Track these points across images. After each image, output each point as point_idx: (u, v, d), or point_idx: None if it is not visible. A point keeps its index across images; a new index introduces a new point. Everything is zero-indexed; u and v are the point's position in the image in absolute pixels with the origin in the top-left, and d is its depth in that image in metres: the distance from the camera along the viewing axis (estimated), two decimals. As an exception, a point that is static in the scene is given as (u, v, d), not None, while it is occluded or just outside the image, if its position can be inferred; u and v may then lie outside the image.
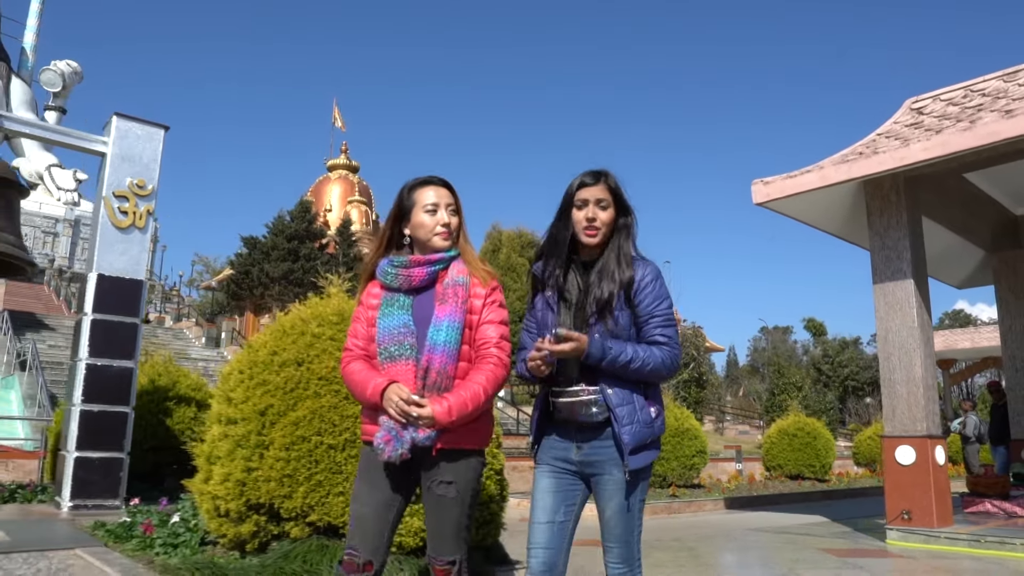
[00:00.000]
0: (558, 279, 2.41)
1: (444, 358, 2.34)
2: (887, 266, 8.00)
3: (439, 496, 2.35)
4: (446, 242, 2.47)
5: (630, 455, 2.26)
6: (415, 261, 2.45)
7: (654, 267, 2.42)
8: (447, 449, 2.32)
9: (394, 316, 2.41)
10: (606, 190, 2.39)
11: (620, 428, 2.26)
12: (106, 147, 6.12)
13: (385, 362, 2.39)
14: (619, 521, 2.31)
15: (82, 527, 4.84)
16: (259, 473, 3.67)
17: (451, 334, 2.35)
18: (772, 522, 9.76)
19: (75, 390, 5.71)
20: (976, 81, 8.31)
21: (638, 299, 2.34)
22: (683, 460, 12.36)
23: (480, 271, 2.48)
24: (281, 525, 3.74)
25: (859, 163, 7.63)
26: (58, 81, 37.21)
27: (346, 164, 31.99)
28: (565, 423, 2.37)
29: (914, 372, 7.77)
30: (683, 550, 7.17)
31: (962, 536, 7.31)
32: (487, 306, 2.45)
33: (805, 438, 14.96)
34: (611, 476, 2.31)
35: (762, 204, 8.41)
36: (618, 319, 2.33)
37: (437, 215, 2.45)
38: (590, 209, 2.37)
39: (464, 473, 2.37)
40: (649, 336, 2.34)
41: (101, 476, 5.68)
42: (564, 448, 2.38)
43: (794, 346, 58.19)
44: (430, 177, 2.52)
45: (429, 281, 2.45)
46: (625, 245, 2.40)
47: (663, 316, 2.36)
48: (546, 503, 2.36)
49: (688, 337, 23.47)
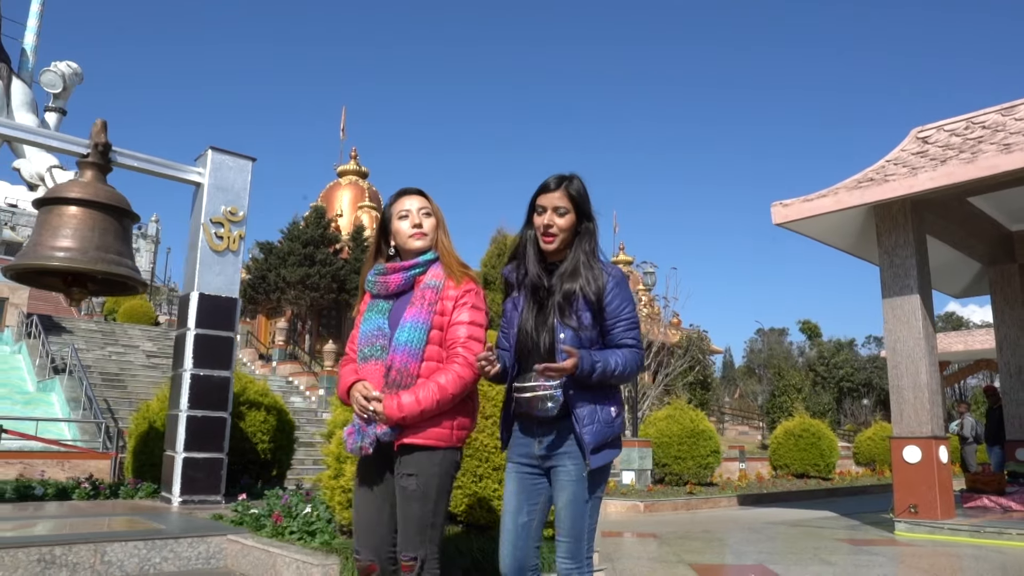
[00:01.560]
0: (527, 280, 2.46)
1: (405, 357, 2.42)
2: (895, 282, 8.77)
3: (403, 488, 2.41)
4: (420, 242, 2.57)
5: (592, 454, 2.32)
6: (391, 268, 2.57)
7: (617, 271, 2.47)
8: (408, 445, 2.40)
9: (372, 320, 2.54)
10: (566, 197, 2.42)
11: (581, 428, 2.32)
12: (202, 178, 6.79)
13: (361, 362, 2.52)
14: (569, 514, 2.34)
15: (210, 517, 5.54)
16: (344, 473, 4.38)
17: (413, 334, 2.44)
18: (786, 517, 10.53)
19: (181, 398, 6.40)
20: (977, 114, 9.09)
21: (605, 303, 2.38)
22: (698, 460, 13.12)
23: (455, 272, 2.56)
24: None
25: (871, 189, 8.39)
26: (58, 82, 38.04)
27: (356, 170, 32.61)
28: (527, 418, 2.43)
29: (920, 379, 8.54)
30: (714, 540, 7.92)
31: (963, 528, 8.08)
32: (458, 307, 2.51)
33: (810, 439, 15.74)
34: (565, 468, 2.36)
35: (780, 224, 9.17)
36: (582, 319, 2.37)
37: (409, 219, 2.57)
38: (548, 215, 2.41)
39: (427, 467, 2.40)
40: (618, 340, 2.40)
41: (205, 474, 6.37)
42: (527, 443, 2.44)
43: (790, 348, 59.06)
44: (405, 188, 2.67)
45: (407, 286, 2.56)
46: (587, 250, 2.44)
47: (629, 319, 2.42)
48: (510, 505, 2.44)
49: (693, 341, 24.28)
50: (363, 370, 2.49)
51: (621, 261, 42.18)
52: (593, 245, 2.46)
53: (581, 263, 2.40)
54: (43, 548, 4.01)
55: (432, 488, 2.39)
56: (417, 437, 2.39)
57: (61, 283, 6.17)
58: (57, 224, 5.91)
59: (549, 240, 2.41)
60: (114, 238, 6.05)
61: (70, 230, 5.90)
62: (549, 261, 2.47)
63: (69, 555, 4.07)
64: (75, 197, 6.02)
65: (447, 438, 2.44)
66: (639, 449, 12.74)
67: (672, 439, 13.25)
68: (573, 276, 2.38)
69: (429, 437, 2.41)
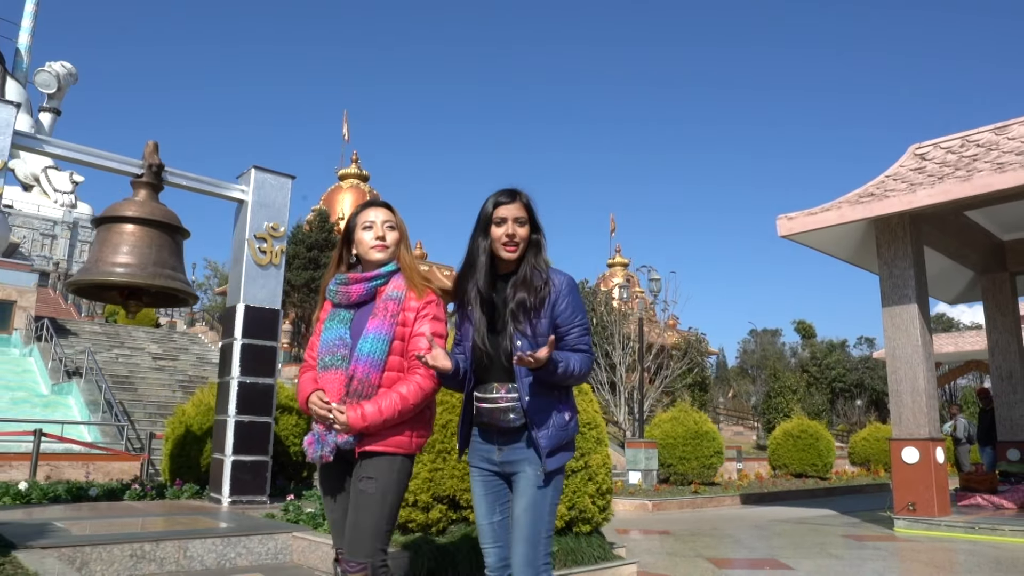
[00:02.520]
0: (480, 292, 2.50)
1: (367, 367, 2.45)
2: (894, 292, 9.24)
3: (360, 491, 2.43)
4: (380, 254, 2.61)
5: (547, 457, 2.39)
6: (353, 279, 2.61)
7: (568, 278, 2.54)
8: (369, 451, 2.45)
9: (333, 330, 2.57)
10: (522, 208, 2.51)
11: (537, 433, 2.39)
12: (245, 195, 7.18)
13: (321, 371, 2.54)
14: (527, 519, 2.38)
15: (263, 516, 5.94)
16: (443, 472, 4.78)
17: (376, 345, 2.47)
18: (789, 515, 10.99)
19: (229, 404, 6.78)
20: (971, 132, 9.58)
21: (558, 310, 2.46)
22: (702, 460, 13.58)
23: (417, 284, 2.60)
24: (459, 512, 4.85)
25: (872, 204, 8.86)
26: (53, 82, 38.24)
27: (357, 173, 32.95)
28: (487, 426, 2.48)
29: (918, 384, 9.02)
30: (724, 537, 8.37)
31: (959, 524, 8.56)
32: (419, 318, 2.55)
33: (808, 439, 16.23)
34: (524, 474, 2.42)
35: (786, 236, 9.63)
36: (536, 326, 2.43)
37: (372, 230, 2.62)
38: (509, 226, 2.47)
39: (387, 472, 2.44)
40: (572, 345, 2.46)
41: (252, 476, 6.76)
42: (487, 450, 2.50)
43: (783, 348, 59.71)
44: (372, 200, 2.75)
45: (368, 296, 2.59)
46: (539, 258, 2.52)
47: (582, 326, 2.49)
48: (482, 507, 2.50)
49: (692, 343, 24.77)
50: (323, 379, 2.52)
51: (617, 263, 42.69)
52: (544, 254, 2.55)
53: (534, 272, 2.48)
54: (134, 544, 4.40)
55: (390, 492, 2.44)
56: (378, 444, 2.44)
57: (119, 296, 6.55)
58: (117, 241, 6.30)
59: (512, 249, 2.48)
60: (169, 254, 6.44)
61: (128, 247, 6.28)
62: (500, 272, 2.54)
63: (157, 551, 4.46)
64: (132, 216, 6.41)
65: (407, 446, 2.50)
66: (645, 450, 13.17)
67: (677, 440, 13.70)
68: (527, 285, 2.45)
69: (390, 444, 2.45)
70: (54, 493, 7.04)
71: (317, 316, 2.73)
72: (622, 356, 21.33)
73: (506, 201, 2.50)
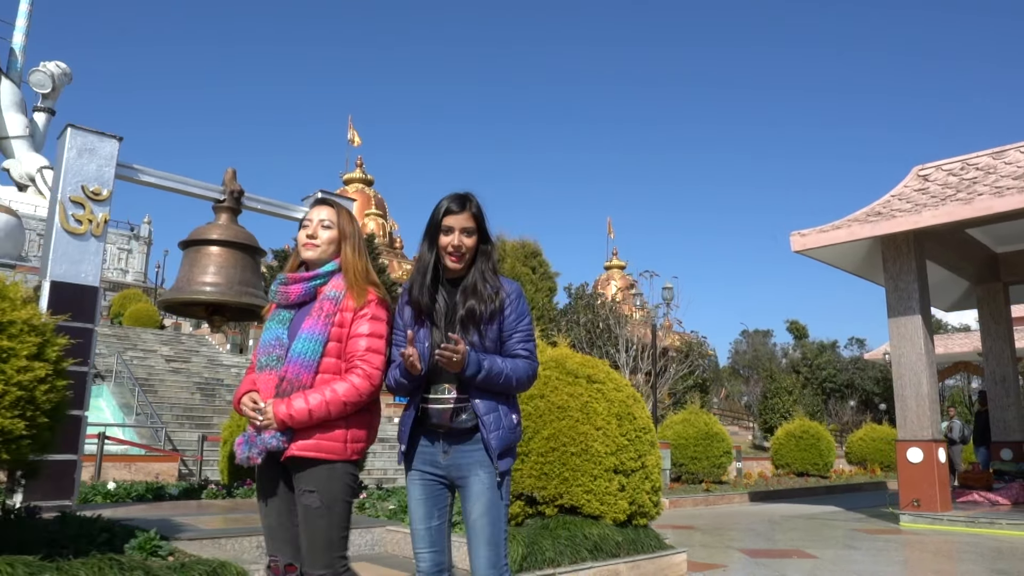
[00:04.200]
0: (427, 299, 2.49)
1: (298, 368, 2.39)
2: (899, 304, 9.97)
3: (305, 506, 2.37)
4: (309, 253, 2.56)
5: (499, 459, 2.40)
6: (292, 279, 2.55)
7: (516, 287, 2.55)
8: (299, 457, 2.36)
9: (271, 330, 2.52)
10: (471, 218, 2.49)
11: (488, 434, 2.38)
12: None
13: (257, 372, 2.50)
14: (487, 523, 2.39)
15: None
16: (522, 471, 5.42)
17: (308, 345, 2.41)
18: (797, 511, 11.72)
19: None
20: (971, 156, 10.34)
21: (503, 316, 2.47)
22: (712, 460, 14.31)
23: (356, 286, 2.52)
24: (536, 507, 5.49)
25: (880, 224, 9.59)
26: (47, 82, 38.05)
27: (362, 178, 33.50)
28: (434, 429, 2.45)
29: (922, 389, 9.76)
30: (745, 530, 9.07)
31: (960, 519, 9.31)
32: (357, 319, 2.48)
33: (810, 440, 17.01)
34: (478, 477, 2.41)
35: (799, 252, 10.35)
36: (486, 333, 2.44)
37: (307, 229, 2.58)
38: (455, 236, 2.46)
39: (327, 483, 2.36)
40: (512, 350, 2.47)
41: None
42: (431, 454, 2.47)
43: (774, 349, 60.64)
44: (321, 198, 2.72)
45: (308, 296, 2.53)
46: (488, 268, 2.51)
47: (525, 332, 2.50)
48: (420, 511, 2.48)
49: (693, 346, 25.54)
50: (259, 379, 2.46)
51: (615, 266, 43.45)
52: (493, 263, 2.54)
53: (482, 280, 2.48)
54: (258, 538, 5.03)
55: (336, 502, 2.38)
56: (308, 449, 2.35)
57: (203, 311, 7.16)
58: (205, 262, 6.91)
59: (456, 260, 2.47)
60: (251, 273, 7.06)
61: (215, 267, 6.89)
62: (448, 277, 2.54)
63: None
64: (217, 239, 7.01)
65: (340, 451, 2.40)
66: (659, 450, 13.87)
67: (688, 441, 14.42)
68: (475, 293, 2.46)
69: (320, 450, 2.36)
70: (137, 492, 7.65)
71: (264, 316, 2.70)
72: (626, 359, 22.04)
73: (455, 210, 2.48)
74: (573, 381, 5.77)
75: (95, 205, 6.44)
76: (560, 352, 6.08)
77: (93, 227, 6.39)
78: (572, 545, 5.12)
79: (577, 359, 6.05)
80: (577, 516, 5.45)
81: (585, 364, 6.00)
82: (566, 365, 5.87)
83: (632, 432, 5.85)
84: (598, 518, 5.49)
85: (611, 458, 5.59)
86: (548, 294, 34.73)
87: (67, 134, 6.43)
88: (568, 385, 5.73)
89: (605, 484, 5.51)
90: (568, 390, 5.70)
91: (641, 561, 5.47)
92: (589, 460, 5.47)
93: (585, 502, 5.44)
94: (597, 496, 5.47)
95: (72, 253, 6.28)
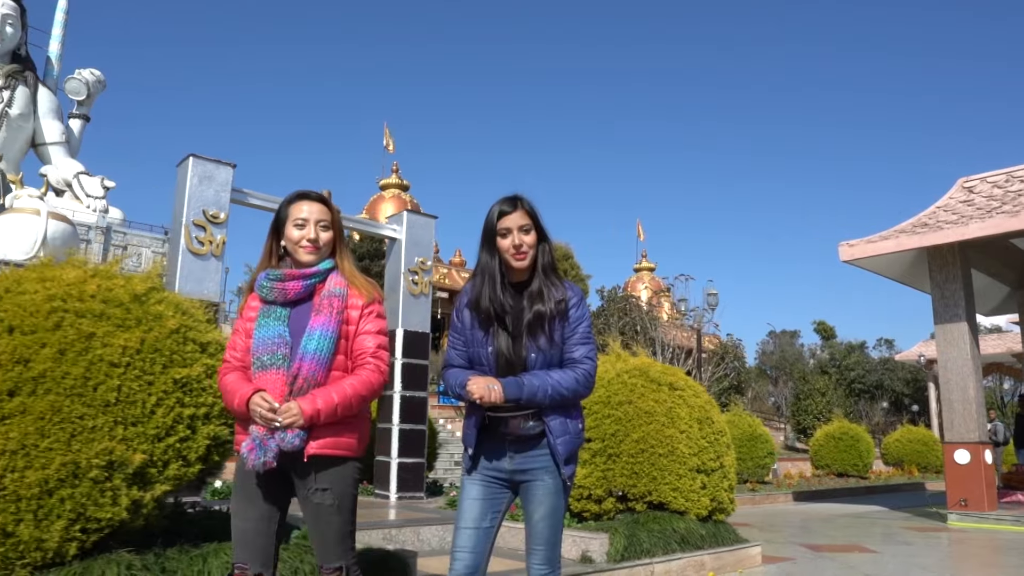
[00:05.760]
0: (499, 307, 2.49)
1: (313, 365, 2.37)
2: (946, 311, 10.40)
3: (317, 504, 2.36)
4: (310, 256, 2.51)
5: (565, 464, 2.44)
6: (290, 275, 2.49)
7: (578, 290, 2.57)
8: (318, 456, 2.34)
9: (269, 327, 2.45)
10: (525, 215, 2.50)
11: (555, 440, 2.42)
12: (398, 234, 8.40)
13: (257, 371, 2.42)
14: (548, 525, 2.44)
15: (440, 507, 7.16)
16: (615, 471, 5.96)
17: (322, 343, 2.39)
18: (844, 510, 12.15)
19: (393, 414, 8.02)
20: (1015, 169, 10.74)
21: (566, 319, 2.50)
22: (756, 460, 14.76)
23: (360, 284, 2.53)
24: (627, 504, 6.04)
25: (928, 235, 10.03)
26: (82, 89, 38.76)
27: (398, 183, 34.15)
28: (501, 436, 2.48)
29: (968, 393, 10.18)
30: (799, 527, 9.55)
31: (1006, 518, 9.72)
32: (364, 317, 2.49)
33: (849, 441, 17.39)
34: (543, 482, 2.45)
35: (847, 261, 10.81)
36: (552, 337, 2.47)
37: (304, 229, 2.50)
38: (515, 236, 2.47)
39: (340, 480, 2.38)
40: (568, 352, 2.49)
41: (412, 476, 7.98)
42: (497, 459, 2.50)
43: (801, 349, 60.65)
44: (306, 192, 2.58)
45: (306, 294, 2.49)
46: (549, 269, 2.53)
47: (582, 334, 2.51)
48: (474, 510, 2.48)
49: (728, 348, 26.00)
50: (261, 379, 2.40)
51: (644, 268, 43.85)
52: (553, 263, 2.57)
53: (547, 286, 2.51)
54: (384, 530, 5.63)
55: (347, 499, 2.41)
56: (328, 447, 2.36)
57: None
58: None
59: (521, 257, 2.48)
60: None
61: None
62: (512, 281, 2.55)
63: (399, 535, 5.66)
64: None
65: (356, 448, 2.45)
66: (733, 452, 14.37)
67: (733, 442, 14.79)
68: (541, 297, 2.49)
69: (339, 447, 2.38)
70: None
71: (239, 312, 2.62)
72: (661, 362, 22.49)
73: (508, 211, 2.50)
74: (657, 388, 6.31)
75: (214, 227, 7.08)
76: (642, 361, 6.62)
77: (213, 248, 7.03)
78: (663, 538, 5.68)
79: (658, 368, 6.60)
80: (664, 512, 6.00)
81: (666, 372, 6.55)
82: (649, 373, 6.41)
83: (711, 435, 6.39)
84: (683, 513, 6.03)
85: (694, 459, 6.12)
86: (580, 297, 35.26)
87: (189, 163, 7.08)
88: (653, 392, 6.27)
89: (689, 482, 6.04)
90: (653, 396, 6.24)
91: (723, 553, 6.01)
92: (675, 460, 6.01)
93: (672, 499, 5.98)
94: (683, 493, 6.00)
95: (196, 272, 6.93)
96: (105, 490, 3.31)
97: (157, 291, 4.11)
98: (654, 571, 5.43)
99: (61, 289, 3.73)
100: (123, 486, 3.37)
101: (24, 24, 60.36)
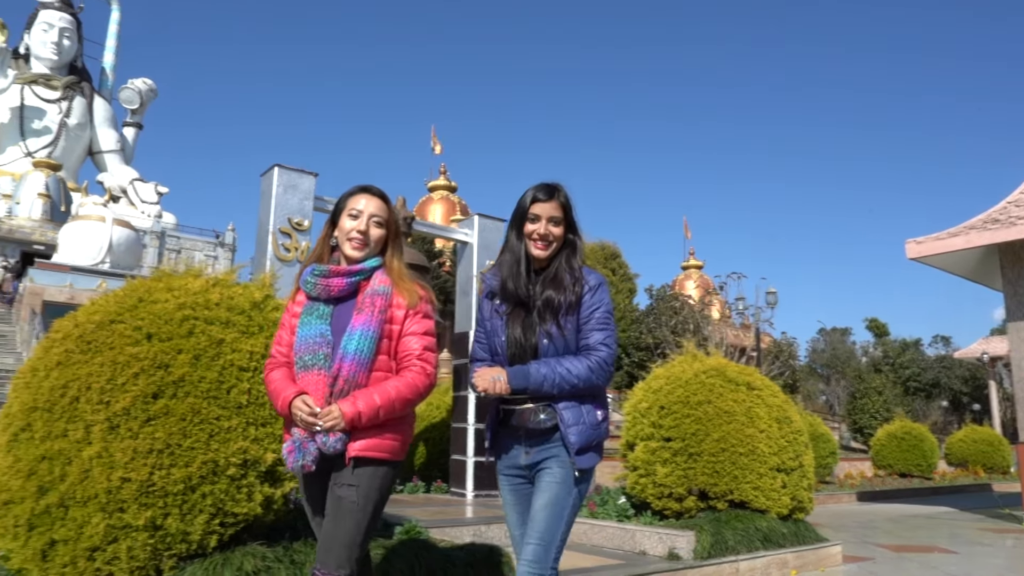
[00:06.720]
0: (524, 291, 2.45)
1: (354, 366, 2.29)
2: (1019, 309, 10.21)
3: (339, 497, 2.27)
4: (356, 251, 2.43)
5: (577, 455, 2.33)
6: (335, 271, 2.41)
7: (599, 277, 2.51)
8: (359, 457, 2.28)
9: (312, 326, 2.38)
10: (559, 207, 2.46)
11: (567, 429, 2.32)
12: (469, 238, 8.60)
13: (300, 371, 2.35)
14: (545, 516, 2.30)
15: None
16: (695, 470, 6.05)
17: (363, 343, 2.31)
18: (912, 511, 11.99)
19: (468, 414, 8.22)
20: (1090, 163, 10.47)
21: (580, 305, 2.42)
22: (819, 460, 14.60)
23: (405, 286, 2.44)
24: (707, 502, 6.13)
25: (999, 232, 9.87)
26: (135, 99, 41.38)
27: (446, 185, 34.58)
28: (516, 429, 2.42)
29: (1043, 392, 9.98)
30: (872, 528, 9.48)
31: (1085, 519, 9.52)
32: (410, 317, 2.40)
33: (912, 440, 17.09)
34: (550, 470, 2.36)
35: (914, 259, 10.68)
36: (565, 325, 2.39)
37: (357, 221, 2.43)
38: (542, 225, 2.43)
39: (369, 479, 2.28)
40: (584, 338, 2.41)
41: (488, 474, 8.17)
42: (515, 455, 2.45)
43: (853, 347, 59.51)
44: (368, 186, 2.52)
45: (350, 291, 2.41)
46: (572, 258, 2.48)
47: (599, 319, 2.42)
48: (512, 517, 2.47)
49: (784, 348, 25.72)
50: (303, 380, 2.34)
51: (692, 266, 43.61)
52: (580, 255, 2.52)
53: (565, 271, 2.45)
54: (473, 527, 5.81)
55: (371, 501, 2.29)
56: (370, 450, 2.28)
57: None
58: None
59: (543, 247, 2.45)
60: (422, 291, 7.93)
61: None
62: (535, 267, 2.51)
63: (488, 531, 5.83)
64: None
65: (398, 451, 2.37)
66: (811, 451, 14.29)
67: (794, 442, 14.75)
68: (556, 283, 2.44)
69: (381, 450, 2.30)
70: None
71: (287, 306, 2.55)
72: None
73: (543, 199, 2.46)
74: (735, 388, 6.38)
75: (299, 235, 7.35)
76: (718, 361, 6.69)
77: (299, 254, 7.30)
78: (747, 536, 5.75)
79: (735, 368, 6.66)
80: (746, 510, 6.07)
81: (743, 372, 6.61)
82: (726, 373, 6.49)
83: (790, 434, 6.44)
84: (764, 512, 6.09)
85: (774, 458, 6.18)
86: (628, 296, 35.23)
87: (274, 172, 7.36)
88: (731, 392, 6.34)
89: (770, 481, 6.10)
90: (732, 396, 6.31)
91: (805, 551, 6.06)
92: (756, 460, 6.07)
93: (753, 497, 6.04)
94: (764, 492, 6.06)
95: (284, 278, 7.21)
96: (241, 487, 3.54)
97: (271, 298, 4.36)
98: (739, 568, 5.51)
99: (189, 298, 3.98)
100: (256, 483, 3.60)
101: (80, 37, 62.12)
